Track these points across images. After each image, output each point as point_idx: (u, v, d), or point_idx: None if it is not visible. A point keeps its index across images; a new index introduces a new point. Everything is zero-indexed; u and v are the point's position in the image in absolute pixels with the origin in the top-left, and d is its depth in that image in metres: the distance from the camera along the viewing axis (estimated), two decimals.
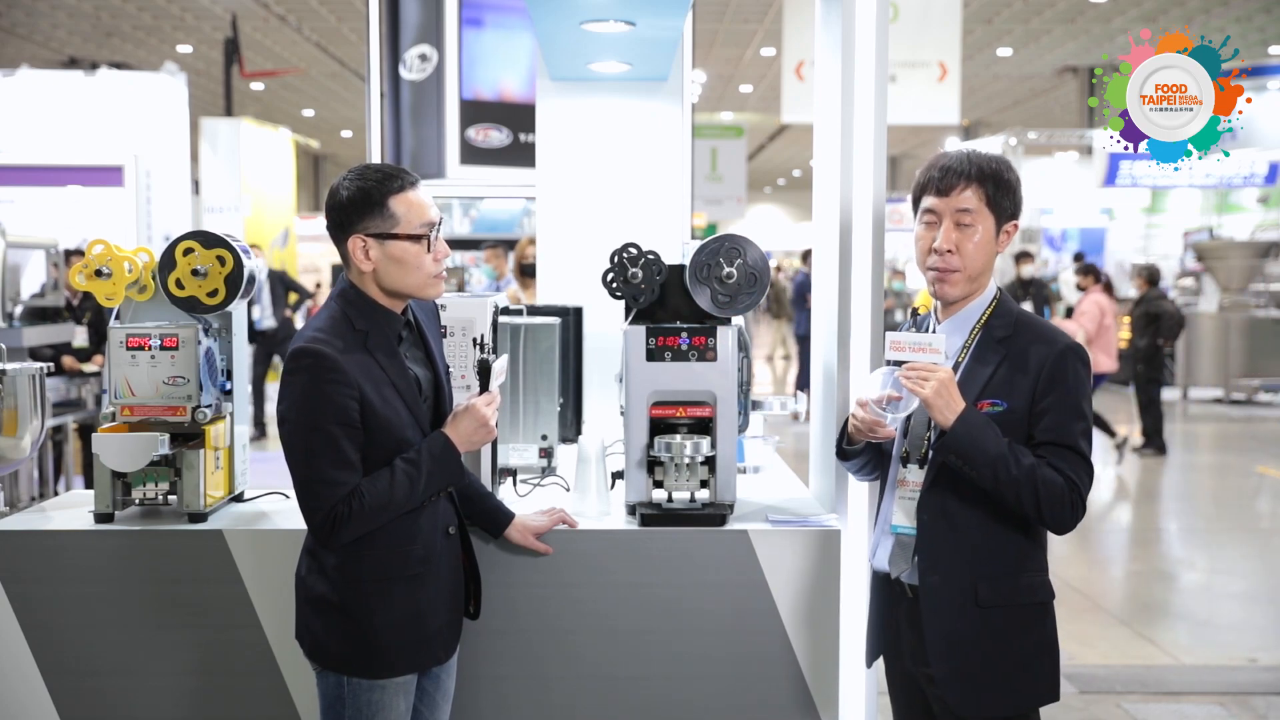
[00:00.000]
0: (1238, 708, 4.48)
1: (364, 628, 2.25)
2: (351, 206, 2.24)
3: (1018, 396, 2.23)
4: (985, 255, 2.32)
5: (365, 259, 2.24)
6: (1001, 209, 2.31)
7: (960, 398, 2.23)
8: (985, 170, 2.29)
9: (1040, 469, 2.18)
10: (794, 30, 13.83)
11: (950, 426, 2.21)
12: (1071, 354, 2.25)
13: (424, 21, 8.98)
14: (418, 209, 2.26)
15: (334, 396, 2.16)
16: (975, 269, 2.31)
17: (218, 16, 15.90)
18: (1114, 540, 7.29)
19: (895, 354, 2.34)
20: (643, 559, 2.65)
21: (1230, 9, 15.50)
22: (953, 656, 2.28)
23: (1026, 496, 2.18)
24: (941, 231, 2.31)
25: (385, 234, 2.24)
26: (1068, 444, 2.21)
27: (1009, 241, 2.36)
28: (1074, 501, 2.19)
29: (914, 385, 2.24)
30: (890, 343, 2.36)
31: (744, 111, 24.00)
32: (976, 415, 2.22)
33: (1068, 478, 2.19)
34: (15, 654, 2.65)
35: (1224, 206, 18.91)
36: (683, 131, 4.15)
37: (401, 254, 2.25)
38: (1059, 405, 2.21)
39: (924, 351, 2.29)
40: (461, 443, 2.29)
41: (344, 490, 2.16)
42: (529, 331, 3.21)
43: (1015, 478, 2.18)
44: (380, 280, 2.27)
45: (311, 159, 29.75)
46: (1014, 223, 2.34)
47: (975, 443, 2.19)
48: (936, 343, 2.28)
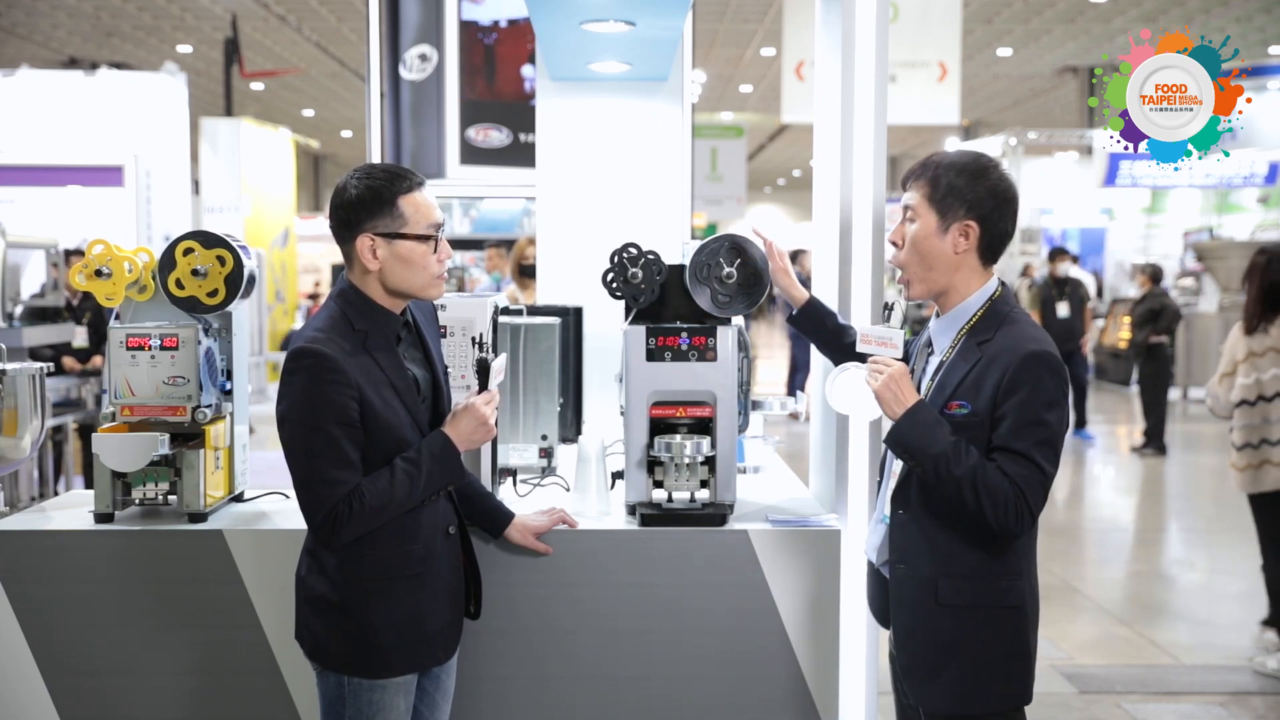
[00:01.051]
0: (1238, 708, 4.49)
1: (364, 628, 2.25)
2: (360, 205, 2.24)
3: (982, 400, 2.22)
4: (925, 252, 2.31)
5: (373, 258, 2.24)
6: (946, 206, 2.29)
7: (911, 393, 2.25)
8: (936, 168, 2.31)
9: (984, 470, 2.17)
10: (794, 30, 13.82)
11: (896, 420, 2.24)
12: (1036, 360, 2.20)
13: (424, 21, 8.97)
14: (425, 209, 2.27)
15: (334, 396, 2.16)
16: (917, 266, 2.32)
17: (218, 16, 15.89)
18: (1114, 540, 7.29)
19: (864, 346, 2.40)
20: (643, 559, 2.65)
21: (1230, 9, 15.50)
22: (912, 648, 2.31)
23: (968, 495, 2.17)
24: (894, 225, 2.37)
25: (394, 233, 2.24)
26: (1019, 450, 2.18)
27: (966, 243, 2.29)
28: (1019, 507, 2.16)
29: (868, 378, 2.30)
30: (860, 335, 2.41)
31: (744, 111, 23.99)
32: (925, 412, 2.23)
33: (1014, 483, 2.16)
34: (15, 654, 2.65)
35: (1224, 206, 18.90)
36: (683, 131, 4.15)
37: (409, 254, 2.25)
38: (1016, 411, 2.18)
39: (885, 345, 2.35)
40: (461, 442, 2.29)
41: (344, 490, 2.17)
42: (529, 331, 3.21)
43: (956, 476, 2.17)
44: (385, 280, 2.27)
45: (311, 159, 29.74)
46: (966, 223, 2.28)
47: (919, 438, 2.21)
48: (895, 337, 2.34)
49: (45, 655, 2.66)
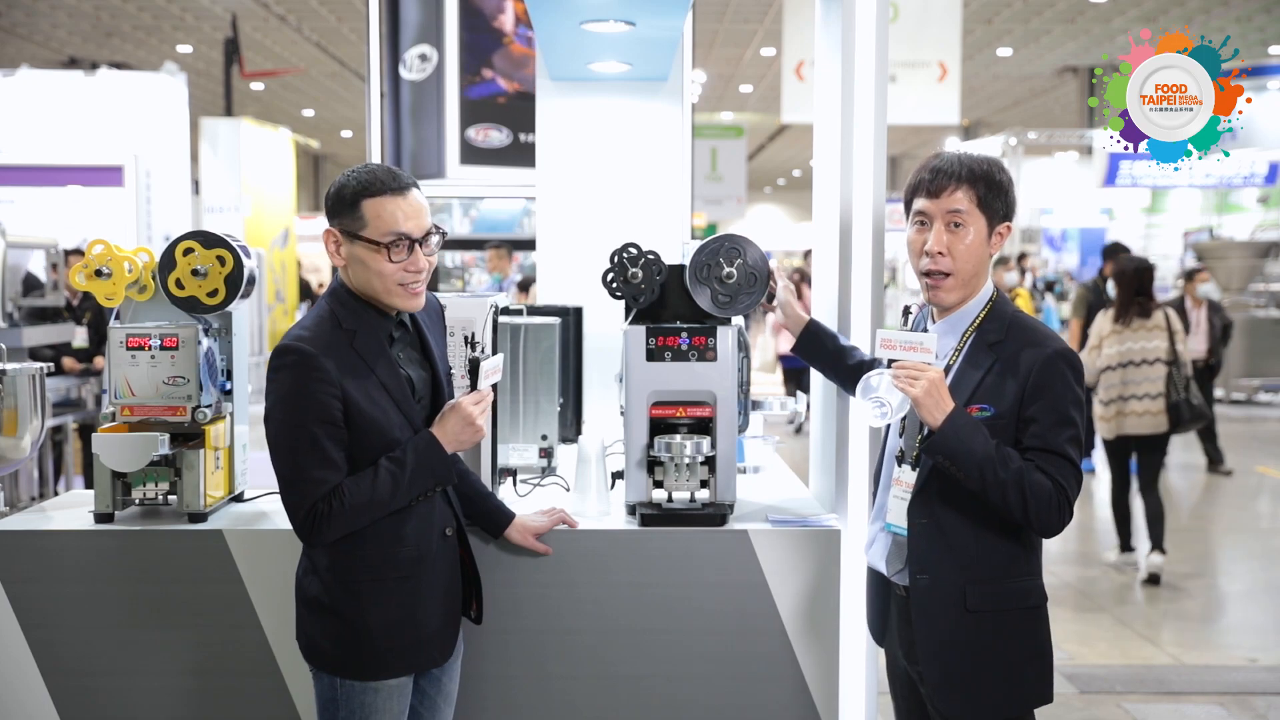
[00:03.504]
0: (1238, 708, 4.49)
1: (356, 629, 2.25)
2: (330, 199, 2.27)
3: (1006, 401, 2.22)
4: (976, 258, 2.30)
5: (336, 252, 2.27)
6: (993, 210, 2.29)
7: (950, 398, 2.22)
8: (976, 171, 2.28)
9: (1029, 472, 2.17)
10: (794, 30, 13.83)
11: (939, 427, 2.20)
12: (1060, 359, 2.22)
13: (424, 21, 8.97)
14: (389, 217, 2.21)
15: (316, 395, 2.16)
16: (967, 272, 2.30)
17: (218, 16, 15.89)
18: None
19: (886, 351, 2.33)
20: (643, 559, 2.65)
21: (1230, 9, 15.50)
22: (942, 659, 2.29)
23: (1014, 499, 2.17)
24: (933, 234, 2.30)
25: (351, 233, 2.24)
26: (1055, 450, 2.19)
27: (1001, 244, 2.34)
28: (1061, 505, 2.18)
29: (904, 384, 2.22)
30: (881, 340, 2.34)
31: (744, 111, 24.00)
32: (965, 416, 2.21)
33: (1056, 482, 2.18)
34: (15, 654, 2.65)
35: (1224, 206, 18.91)
36: (683, 131, 4.15)
37: (365, 257, 2.24)
38: (1046, 411, 2.19)
39: (915, 350, 2.26)
40: (448, 442, 2.28)
41: (325, 489, 2.16)
42: (529, 331, 3.21)
43: (1003, 480, 2.16)
44: (349, 278, 2.29)
45: (311, 159, 29.74)
46: (1006, 224, 2.32)
47: (963, 444, 2.18)
48: (928, 341, 2.26)
49: (45, 655, 2.66)
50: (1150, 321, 6.33)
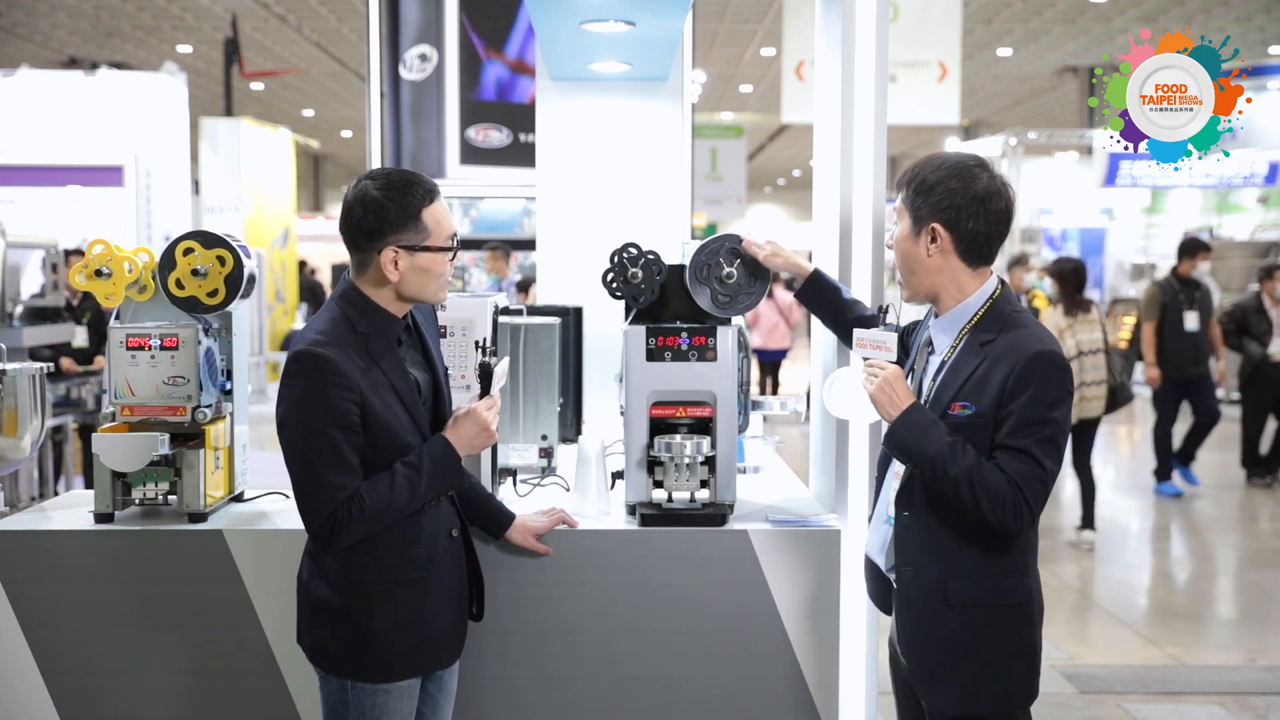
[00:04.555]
0: (1238, 708, 4.48)
1: (367, 632, 2.24)
2: (385, 217, 2.22)
3: (986, 400, 2.22)
4: (903, 256, 2.34)
5: (394, 269, 2.23)
6: (916, 210, 2.30)
7: (906, 395, 2.25)
8: (911, 172, 2.34)
9: (981, 469, 2.17)
10: (794, 30, 13.82)
11: (892, 422, 2.25)
12: (1042, 360, 2.20)
13: (424, 21, 8.98)
14: (446, 221, 2.28)
15: (334, 400, 2.15)
16: (905, 270, 2.35)
17: (218, 16, 15.89)
18: (1114, 540, 7.29)
19: (859, 350, 2.42)
20: (643, 559, 2.65)
21: (1230, 9, 15.50)
22: (921, 651, 2.30)
23: (965, 495, 2.17)
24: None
25: (417, 246, 2.23)
26: (1018, 447, 2.18)
27: (937, 247, 2.28)
28: (1018, 504, 2.16)
29: (865, 381, 2.31)
30: (855, 339, 2.44)
31: (744, 111, 23.99)
32: (920, 414, 2.23)
33: (1013, 480, 2.16)
34: (15, 654, 2.65)
35: (1224, 206, 18.88)
36: (683, 131, 4.16)
37: (429, 264, 2.25)
38: (1021, 410, 2.18)
39: (879, 349, 2.36)
40: (462, 447, 2.29)
41: (344, 494, 2.16)
42: (529, 332, 3.21)
43: (952, 476, 2.17)
44: (401, 289, 2.26)
45: (311, 159, 29.75)
46: (932, 226, 2.27)
47: (915, 440, 2.21)
48: (889, 341, 2.35)
49: (45, 655, 2.66)
50: (1089, 315, 6.94)
